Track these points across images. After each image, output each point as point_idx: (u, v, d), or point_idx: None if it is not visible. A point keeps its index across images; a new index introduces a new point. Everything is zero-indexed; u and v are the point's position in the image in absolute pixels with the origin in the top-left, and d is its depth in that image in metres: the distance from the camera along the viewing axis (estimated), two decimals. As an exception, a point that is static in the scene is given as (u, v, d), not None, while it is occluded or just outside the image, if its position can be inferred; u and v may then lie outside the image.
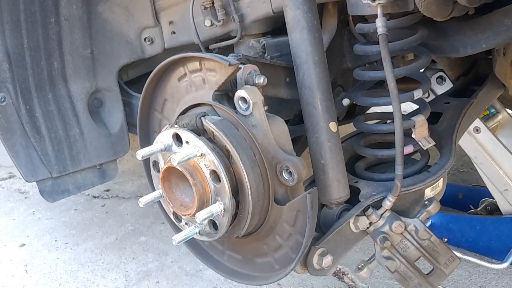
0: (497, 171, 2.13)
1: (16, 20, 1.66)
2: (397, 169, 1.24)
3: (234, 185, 1.20)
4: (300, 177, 1.18)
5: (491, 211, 2.37)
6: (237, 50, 1.63)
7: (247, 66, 1.22)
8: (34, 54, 1.74)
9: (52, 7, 1.72)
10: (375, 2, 1.17)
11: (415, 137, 1.35)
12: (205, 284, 2.34)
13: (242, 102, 1.20)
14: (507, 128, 2.34)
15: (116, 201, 3.36)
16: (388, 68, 1.19)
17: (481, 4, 1.24)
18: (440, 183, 1.41)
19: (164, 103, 1.37)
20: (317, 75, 1.28)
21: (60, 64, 1.81)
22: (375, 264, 1.31)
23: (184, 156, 1.17)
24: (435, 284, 1.30)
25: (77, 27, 1.79)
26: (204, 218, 1.17)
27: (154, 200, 1.31)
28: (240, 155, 1.18)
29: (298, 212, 1.18)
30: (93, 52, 1.86)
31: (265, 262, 1.31)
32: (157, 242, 2.77)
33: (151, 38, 1.85)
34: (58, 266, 2.64)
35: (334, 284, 2.23)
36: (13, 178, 3.93)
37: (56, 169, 1.86)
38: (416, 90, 1.36)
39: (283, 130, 1.22)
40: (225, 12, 1.58)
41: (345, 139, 1.62)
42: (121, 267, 2.56)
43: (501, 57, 1.81)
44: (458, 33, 1.45)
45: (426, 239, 1.28)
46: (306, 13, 1.26)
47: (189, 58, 1.26)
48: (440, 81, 2.08)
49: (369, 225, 1.29)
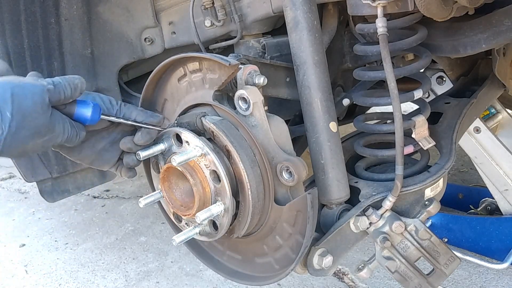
0: (497, 171, 2.13)
1: (16, 20, 1.66)
2: (397, 169, 1.24)
3: (234, 185, 1.20)
4: (300, 177, 1.18)
5: (491, 211, 2.37)
6: (237, 50, 1.63)
7: (247, 66, 1.22)
8: (34, 54, 1.73)
9: (52, 7, 1.72)
10: (375, 3, 1.17)
11: (415, 137, 1.35)
12: (205, 284, 2.34)
13: (242, 102, 1.20)
14: (507, 128, 2.34)
15: (116, 201, 3.36)
16: (388, 68, 1.19)
17: (481, 4, 1.24)
18: (440, 183, 1.41)
19: (164, 103, 1.37)
20: (317, 75, 1.28)
21: (60, 64, 1.81)
22: (375, 264, 1.31)
23: (184, 156, 1.17)
24: (435, 284, 1.30)
25: (77, 27, 1.79)
26: (204, 218, 1.18)
27: (154, 200, 1.31)
28: (240, 155, 1.18)
29: (298, 212, 1.18)
30: (93, 52, 1.86)
31: (265, 262, 1.31)
32: (157, 242, 2.77)
33: (151, 38, 1.84)
34: (58, 266, 2.64)
35: (334, 284, 2.23)
36: (13, 178, 3.93)
37: (56, 169, 1.86)
38: (416, 90, 1.36)
39: (283, 130, 1.22)
40: (225, 12, 1.58)
41: (345, 139, 1.62)
42: (121, 267, 2.56)
43: (501, 57, 1.81)
44: (458, 33, 1.45)
45: (426, 239, 1.28)
46: (306, 13, 1.27)
47: (189, 58, 1.26)
48: (440, 81, 2.09)
49: (369, 225, 1.29)
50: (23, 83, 1.04)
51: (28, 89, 1.03)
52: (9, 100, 0.98)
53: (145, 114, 1.25)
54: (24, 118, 1.01)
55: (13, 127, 0.98)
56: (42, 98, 1.04)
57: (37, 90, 1.04)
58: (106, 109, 1.20)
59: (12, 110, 0.98)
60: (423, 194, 1.35)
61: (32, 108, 1.02)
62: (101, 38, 1.86)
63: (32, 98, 1.02)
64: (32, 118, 1.02)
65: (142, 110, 1.25)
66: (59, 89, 1.08)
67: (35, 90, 1.03)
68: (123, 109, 1.22)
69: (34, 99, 1.02)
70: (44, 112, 1.04)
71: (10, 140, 0.99)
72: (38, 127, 1.04)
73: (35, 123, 1.03)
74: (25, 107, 1.01)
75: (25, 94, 1.01)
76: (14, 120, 0.98)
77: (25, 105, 1.01)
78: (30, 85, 1.04)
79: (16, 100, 0.99)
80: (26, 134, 1.02)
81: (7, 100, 0.98)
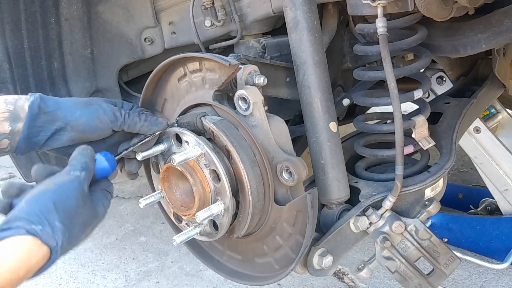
0: (497, 171, 2.13)
1: (17, 20, 1.66)
2: (397, 169, 1.24)
3: (234, 185, 1.20)
4: (300, 177, 1.18)
5: (491, 211, 2.37)
6: (237, 50, 1.63)
7: (247, 66, 1.22)
8: (34, 54, 1.73)
9: (52, 7, 1.72)
10: (375, 3, 1.17)
11: (415, 137, 1.35)
12: (205, 284, 2.34)
13: (242, 102, 1.20)
14: (507, 128, 2.34)
15: (116, 201, 3.35)
16: (388, 68, 1.19)
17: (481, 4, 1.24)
18: (440, 183, 1.41)
19: (164, 103, 1.37)
20: (317, 75, 1.28)
21: (60, 64, 1.81)
22: (375, 264, 1.31)
23: (184, 156, 1.17)
24: (435, 284, 1.30)
25: (77, 27, 1.79)
26: (204, 218, 1.18)
27: (154, 201, 1.31)
28: (240, 155, 1.18)
29: (298, 212, 1.18)
30: (93, 52, 1.86)
31: (265, 262, 1.31)
32: (157, 242, 2.77)
33: (151, 38, 1.84)
34: (58, 266, 2.63)
35: (334, 284, 2.23)
36: (13, 178, 3.93)
37: (56, 169, 1.86)
38: (416, 90, 1.36)
39: (283, 130, 1.22)
40: (225, 12, 1.58)
41: (345, 139, 1.62)
42: (121, 267, 2.56)
43: (501, 57, 1.81)
44: (458, 33, 1.45)
45: (426, 239, 1.28)
46: (306, 13, 1.27)
47: (189, 58, 1.26)
48: (440, 81, 2.09)
49: (369, 225, 1.29)
50: (59, 185, 1.02)
51: (66, 190, 1.01)
52: (53, 210, 0.97)
53: (149, 123, 1.23)
54: (72, 218, 1.00)
55: (66, 233, 0.97)
56: (82, 192, 1.04)
57: (75, 186, 1.03)
58: (110, 122, 1.19)
59: (59, 217, 0.97)
60: (423, 194, 1.35)
61: (76, 205, 1.01)
62: (101, 38, 1.86)
63: (73, 195, 1.02)
64: (79, 214, 1.02)
65: (146, 119, 1.23)
66: (90, 173, 1.09)
67: (73, 187, 1.03)
68: (127, 121, 1.21)
69: (76, 196, 1.02)
70: (86, 203, 1.04)
71: (66, 245, 0.98)
72: (86, 218, 1.04)
73: (83, 217, 1.03)
74: (70, 208, 1.00)
75: (66, 197, 1.00)
76: (64, 226, 0.97)
77: (69, 206, 1.00)
78: (67, 184, 1.03)
79: (59, 207, 0.98)
80: (78, 230, 1.02)
81: (52, 211, 0.97)
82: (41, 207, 0.96)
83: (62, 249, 0.97)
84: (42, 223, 0.94)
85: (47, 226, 0.94)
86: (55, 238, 0.95)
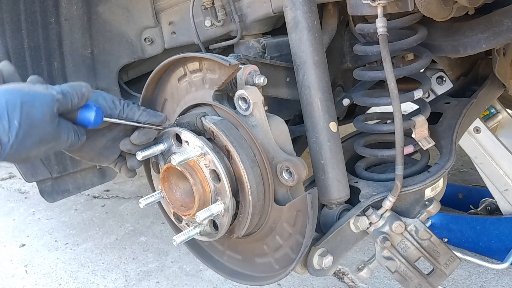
0: (497, 171, 2.13)
1: (17, 20, 1.66)
2: (397, 169, 1.24)
3: (234, 185, 1.20)
4: (300, 177, 1.18)
5: (491, 211, 2.37)
6: (237, 50, 1.63)
7: (247, 66, 1.22)
8: (34, 54, 1.74)
9: (52, 7, 1.72)
10: (375, 3, 1.17)
11: (415, 137, 1.35)
12: (205, 284, 2.34)
13: (242, 102, 1.20)
14: (507, 128, 2.34)
15: (116, 201, 3.36)
16: (388, 68, 1.19)
17: (481, 4, 1.24)
18: (440, 183, 1.41)
19: (164, 103, 1.37)
20: (317, 75, 1.28)
21: (60, 64, 1.81)
22: (375, 264, 1.31)
23: (183, 156, 1.17)
24: (435, 284, 1.30)
25: (77, 27, 1.79)
26: (204, 218, 1.18)
27: (154, 201, 1.31)
28: (240, 155, 1.18)
29: (298, 212, 1.18)
30: (93, 52, 1.86)
31: (265, 262, 1.31)
32: (157, 242, 2.77)
33: (151, 38, 1.85)
34: (58, 266, 2.64)
35: (334, 284, 2.23)
36: (13, 178, 3.93)
37: (56, 169, 1.86)
38: (416, 90, 1.36)
39: (283, 130, 1.22)
40: (225, 12, 1.58)
41: (345, 139, 1.62)
42: (121, 267, 2.56)
43: (501, 57, 1.81)
44: (458, 33, 1.45)
45: (426, 239, 1.28)
46: (306, 13, 1.27)
47: (189, 58, 1.26)
48: (440, 81, 2.09)
49: (369, 225, 1.29)
50: (33, 92, 1.03)
51: (38, 98, 1.02)
52: (18, 108, 0.97)
53: (148, 114, 1.24)
54: (31, 127, 1.00)
55: (20, 136, 0.98)
56: (51, 109, 1.04)
57: (47, 100, 1.03)
58: (108, 109, 1.20)
59: (20, 119, 0.98)
60: (423, 194, 1.35)
61: (41, 118, 1.01)
62: (101, 38, 1.86)
63: (42, 108, 1.02)
64: (39, 127, 1.02)
65: (145, 110, 1.25)
66: (67, 99, 1.08)
67: (45, 101, 1.03)
68: (126, 110, 1.22)
69: (44, 110, 1.02)
70: (52, 122, 1.04)
71: (15, 148, 0.99)
72: (44, 136, 1.04)
73: (42, 132, 1.03)
74: (34, 116, 1.00)
75: (35, 104, 1.01)
76: (21, 129, 0.98)
77: (33, 114, 1.00)
78: (41, 95, 1.03)
79: (25, 109, 0.99)
80: (32, 142, 1.02)
81: (16, 109, 0.97)
82: (8, 100, 0.97)
83: (10, 150, 0.97)
84: (2, 115, 0.95)
85: (6, 120, 0.96)
86: (8, 135, 0.96)
